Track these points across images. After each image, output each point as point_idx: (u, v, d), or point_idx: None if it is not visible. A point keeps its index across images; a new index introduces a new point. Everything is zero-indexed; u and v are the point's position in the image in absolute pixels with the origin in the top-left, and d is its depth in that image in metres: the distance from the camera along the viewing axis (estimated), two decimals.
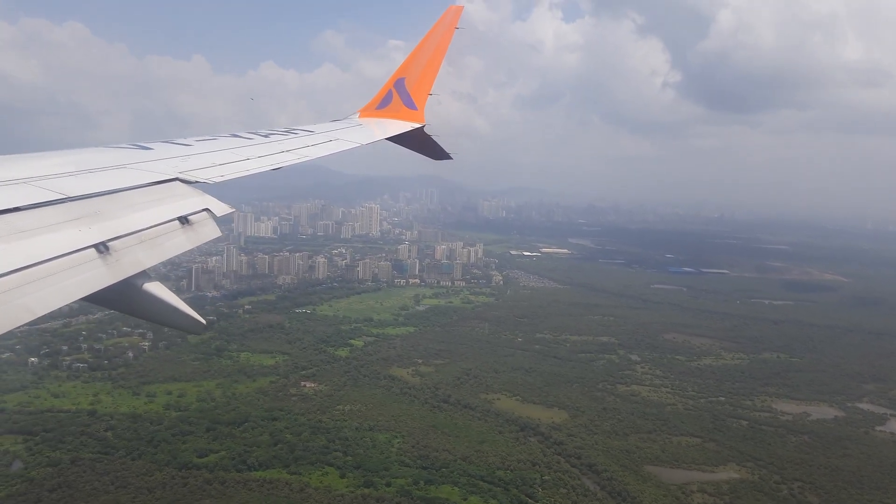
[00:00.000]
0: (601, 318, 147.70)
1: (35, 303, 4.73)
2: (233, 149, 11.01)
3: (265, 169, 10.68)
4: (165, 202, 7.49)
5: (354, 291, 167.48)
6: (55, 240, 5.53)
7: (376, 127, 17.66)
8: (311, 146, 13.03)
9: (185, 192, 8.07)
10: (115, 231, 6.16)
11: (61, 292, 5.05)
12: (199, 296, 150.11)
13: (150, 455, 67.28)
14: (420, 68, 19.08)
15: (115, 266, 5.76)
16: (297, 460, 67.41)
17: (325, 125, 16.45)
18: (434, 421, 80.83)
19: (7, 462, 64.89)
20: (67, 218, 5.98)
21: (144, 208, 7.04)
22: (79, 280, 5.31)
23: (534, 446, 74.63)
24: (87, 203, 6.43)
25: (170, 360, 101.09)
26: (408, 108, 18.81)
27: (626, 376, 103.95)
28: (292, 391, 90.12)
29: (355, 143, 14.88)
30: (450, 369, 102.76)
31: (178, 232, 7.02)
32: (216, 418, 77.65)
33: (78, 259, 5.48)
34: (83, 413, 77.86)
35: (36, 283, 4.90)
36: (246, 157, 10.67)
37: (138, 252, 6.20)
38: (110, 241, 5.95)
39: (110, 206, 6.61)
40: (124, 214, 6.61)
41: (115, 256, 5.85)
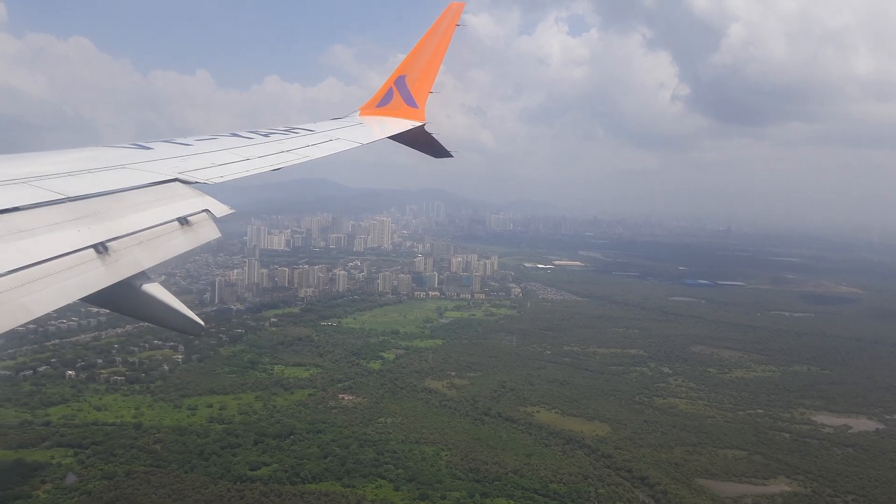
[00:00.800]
0: (626, 330, 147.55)
1: (34, 303, 4.72)
2: (233, 149, 10.87)
3: (266, 169, 10.54)
4: (165, 203, 7.45)
5: (377, 304, 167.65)
6: (54, 240, 5.50)
7: (377, 125, 17.45)
8: (311, 146, 12.83)
9: (185, 192, 8.00)
10: (114, 231, 6.14)
11: (60, 292, 5.03)
12: (224, 308, 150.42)
13: (202, 468, 67.21)
14: (421, 66, 18.85)
15: (114, 266, 5.73)
16: (349, 473, 67.30)
17: (326, 124, 16.30)
18: (478, 434, 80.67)
19: (61, 475, 64.81)
20: (67, 218, 5.95)
21: (144, 209, 7.00)
22: (78, 280, 5.28)
23: (581, 459, 74.41)
24: (86, 203, 6.41)
25: (205, 373, 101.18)
26: (408, 106, 18.62)
27: (661, 389, 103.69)
28: (331, 404, 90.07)
29: (356, 143, 14.71)
30: (484, 382, 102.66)
31: (178, 232, 6.98)
32: (262, 431, 77.60)
33: (77, 259, 5.44)
34: (129, 426, 77.88)
35: (35, 283, 4.87)
36: (246, 158, 10.51)
37: (137, 253, 6.18)
38: (109, 241, 5.92)
39: (110, 207, 6.59)
40: (124, 215, 6.59)
41: (114, 257, 5.82)
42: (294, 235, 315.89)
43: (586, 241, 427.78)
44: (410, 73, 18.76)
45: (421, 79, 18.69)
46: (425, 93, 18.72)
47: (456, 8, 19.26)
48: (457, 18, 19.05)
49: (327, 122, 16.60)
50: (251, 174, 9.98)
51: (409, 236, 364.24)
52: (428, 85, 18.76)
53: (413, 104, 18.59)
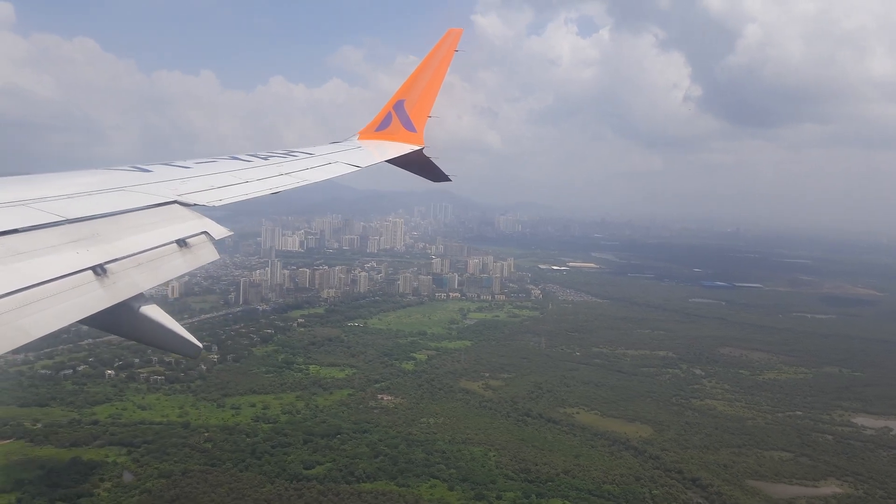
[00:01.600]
0: (651, 332, 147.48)
1: (32, 325, 4.71)
2: (232, 171, 10.98)
3: (264, 193, 10.64)
4: (164, 225, 7.46)
5: (399, 305, 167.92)
6: (53, 262, 5.48)
7: (375, 149, 17.64)
8: (310, 169, 13.04)
9: (184, 214, 8.03)
10: (112, 253, 6.13)
11: (58, 314, 5.02)
12: (249, 308, 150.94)
13: (256, 467, 67.55)
14: (420, 91, 19.05)
15: (112, 288, 5.72)
16: (402, 472, 67.54)
17: (325, 147, 16.47)
18: (522, 435, 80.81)
19: (118, 473, 65.24)
20: (65, 240, 5.93)
21: (143, 231, 7.01)
22: (76, 302, 5.27)
23: (629, 460, 74.48)
24: (85, 225, 6.40)
25: (242, 373, 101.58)
26: (407, 131, 18.78)
27: (696, 391, 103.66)
28: (372, 404, 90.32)
29: (354, 167, 14.91)
30: (519, 383, 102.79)
31: (177, 255, 6.99)
32: (309, 430, 77.92)
33: (75, 281, 5.43)
34: (177, 425, 78.30)
35: (33, 305, 4.86)
36: (245, 181, 10.64)
37: (136, 275, 6.18)
38: (108, 263, 5.91)
39: (108, 229, 6.57)
40: (122, 237, 6.59)
41: (112, 279, 5.80)
42: (308, 237, 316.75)
43: (596, 242, 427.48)
44: (409, 97, 18.99)
45: (419, 104, 18.92)
46: (424, 118, 18.94)
47: (455, 34, 19.48)
48: (455, 44, 19.26)
49: (326, 146, 16.81)
50: (250, 197, 10.10)
51: (419, 238, 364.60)
52: (426, 110, 18.99)
53: (412, 128, 18.81)
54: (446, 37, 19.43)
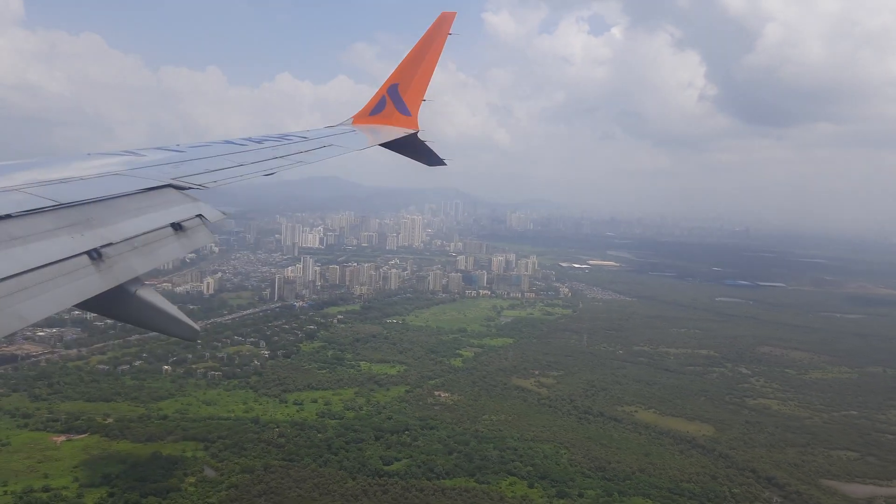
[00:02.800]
0: (687, 331, 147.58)
1: (27, 310, 4.71)
2: (226, 155, 10.93)
3: (258, 175, 10.60)
4: (158, 208, 7.43)
5: (432, 302, 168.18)
6: (47, 247, 5.45)
7: (370, 133, 17.57)
8: (304, 152, 12.96)
9: (178, 198, 7.98)
10: (107, 238, 6.11)
11: (53, 299, 5.02)
12: (287, 305, 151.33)
13: (335, 462, 67.87)
14: (413, 74, 18.87)
15: (107, 272, 5.71)
16: (479, 469, 67.79)
17: (319, 131, 16.43)
18: (587, 432, 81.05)
19: (199, 468, 65.64)
20: (60, 225, 5.88)
21: (137, 215, 6.97)
22: (72, 287, 5.27)
23: (699, 459, 74.65)
24: (79, 210, 6.36)
25: (295, 369, 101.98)
26: (401, 114, 18.74)
27: (747, 390, 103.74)
28: (430, 400, 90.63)
29: (349, 150, 14.88)
30: (571, 381, 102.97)
31: (172, 238, 6.98)
32: (377, 426, 78.25)
33: (70, 266, 5.41)
34: (246, 420, 78.69)
35: (28, 291, 4.84)
36: (239, 164, 10.57)
37: (131, 258, 6.17)
38: (103, 247, 5.89)
39: (103, 213, 6.54)
40: (117, 221, 6.57)
41: (107, 263, 5.79)
42: (327, 234, 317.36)
43: (609, 241, 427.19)
44: (403, 81, 18.92)
45: (414, 87, 18.84)
46: (418, 101, 18.88)
47: (447, 17, 19.35)
48: (448, 27, 19.15)
49: (320, 130, 16.76)
50: (244, 179, 10.04)
51: (434, 235, 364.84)
52: (420, 93, 18.93)
53: (406, 112, 18.79)
54: (439, 20, 19.24)
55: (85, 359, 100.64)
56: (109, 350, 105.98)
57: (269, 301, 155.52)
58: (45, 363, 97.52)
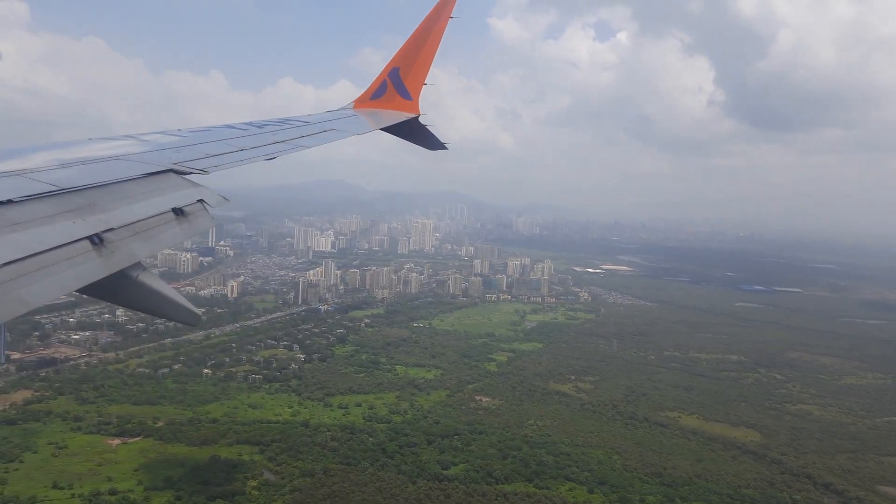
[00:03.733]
0: (713, 336, 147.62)
1: (30, 295, 4.73)
2: (227, 139, 10.88)
3: (259, 159, 10.55)
4: (160, 193, 7.42)
5: (455, 306, 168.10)
6: (49, 232, 5.48)
7: (371, 117, 17.40)
8: (305, 136, 12.82)
9: (180, 183, 7.97)
10: (109, 223, 6.12)
11: (56, 284, 5.04)
12: (312, 309, 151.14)
13: (392, 466, 67.72)
14: (415, 58, 18.62)
15: (109, 258, 5.72)
16: (536, 474, 67.60)
17: (320, 115, 16.34)
18: (636, 438, 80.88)
19: (258, 472, 65.43)
20: (61, 210, 5.91)
21: (139, 200, 6.97)
22: (73, 272, 5.28)
23: (751, 465, 74.51)
24: (81, 195, 6.37)
25: (333, 373, 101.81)
26: (402, 99, 18.55)
27: (784, 395, 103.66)
28: (472, 405, 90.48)
29: (349, 134, 14.77)
30: (608, 386, 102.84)
31: (173, 223, 6.98)
32: (426, 430, 78.08)
33: (72, 251, 5.43)
34: (296, 424, 78.52)
35: (30, 276, 4.86)
36: (240, 148, 10.53)
37: (133, 243, 6.17)
38: (105, 232, 5.92)
39: (104, 198, 6.55)
40: (118, 206, 6.57)
41: (109, 248, 5.81)
42: (339, 237, 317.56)
43: (616, 245, 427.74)
44: (404, 65, 18.68)
45: (415, 71, 18.60)
46: (419, 85, 18.67)
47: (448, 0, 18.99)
48: (450, 10, 18.78)
49: (321, 114, 16.63)
50: (245, 164, 10.02)
51: (443, 239, 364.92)
52: (422, 77, 18.70)
53: (407, 96, 18.59)
54: (441, 2, 18.88)
55: (123, 362, 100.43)
56: (146, 353, 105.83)
57: (293, 304, 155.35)
58: (84, 366, 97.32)
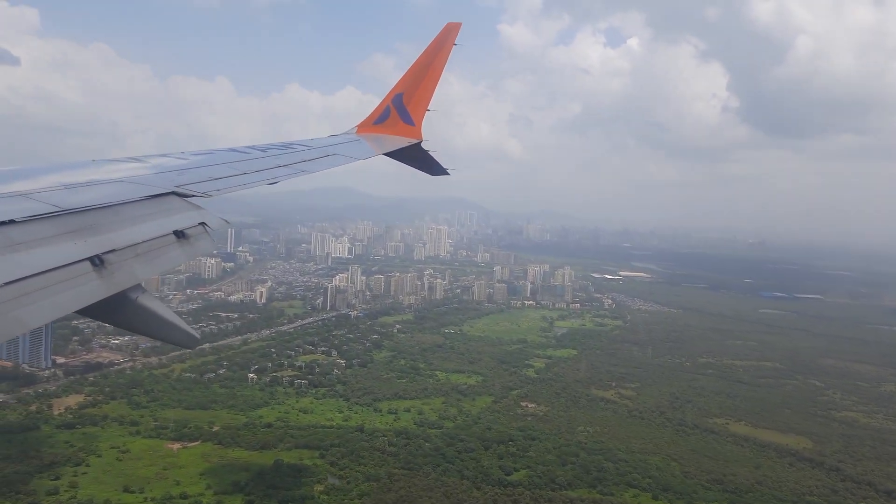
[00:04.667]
0: (743, 342, 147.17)
1: (28, 315, 4.73)
2: (229, 163, 10.95)
3: (261, 183, 10.62)
4: (161, 216, 7.47)
5: (481, 312, 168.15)
6: (50, 252, 5.49)
7: (373, 142, 17.53)
8: (307, 161, 12.92)
9: (181, 206, 8.03)
10: (110, 244, 6.14)
11: (55, 305, 5.04)
12: (342, 314, 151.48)
13: (455, 472, 67.65)
14: (418, 84, 18.81)
15: (109, 279, 5.72)
16: (600, 481, 67.50)
17: (323, 140, 16.43)
18: (689, 445, 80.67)
19: (322, 476, 65.53)
20: (63, 231, 5.94)
21: (140, 222, 7.01)
22: (73, 293, 5.28)
23: (809, 472, 74.13)
24: (82, 216, 6.40)
25: (375, 378, 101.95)
26: (405, 124, 18.71)
27: (827, 402, 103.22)
28: (519, 411, 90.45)
29: (352, 159, 14.88)
30: (651, 392, 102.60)
31: (174, 245, 7.01)
32: (480, 436, 78.06)
33: (73, 272, 5.44)
34: (350, 429, 78.68)
35: (29, 296, 4.86)
36: (242, 172, 10.59)
37: (133, 265, 6.19)
38: (105, 254, 5.92)
39: (106, 220, 6.59)
40: (120, 228, 6.60)
41: (109, 269, 5.81)
42: (354, 243, 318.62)
43: (628, 252, 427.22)
44: (407, 91, 18.92)
45: (418, 97, 18.81)
46: (422, 111, 18.86)
47: (453, 28, 19.31)
48: (454, 38, 19.08)
49: (324, 139, 16.74)
50: (247, 188, 10.08)
51: (456, 245, 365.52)
52: (425, 103, 18.90)
53: (410, 122, 18.78)
54: (445, 30, 19.18)
55: (167, 367, 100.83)
56: (188, 358, 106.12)
57: (322, 310, 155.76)
58: (130, 371, 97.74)
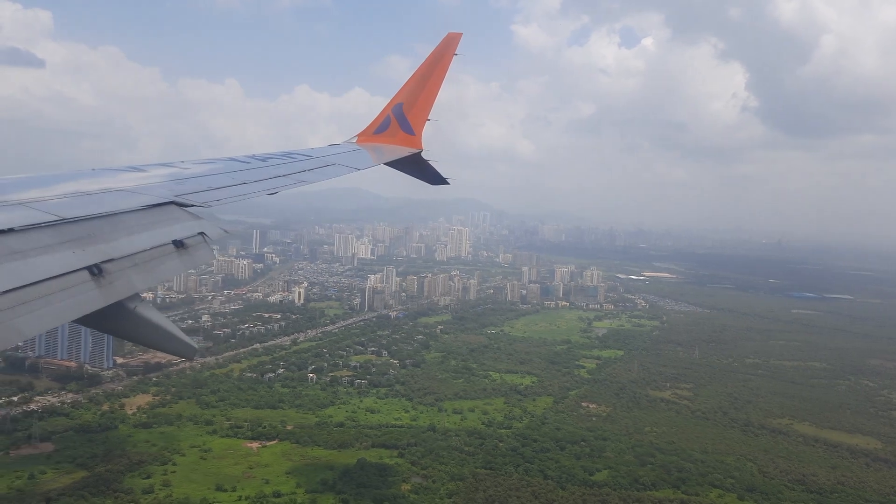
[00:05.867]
0: (786, 343, 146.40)
1: (25, 324, 4.71)
2: (229, 172, 11.00)
3: (261, 194, 10.66)
4: (161, 225, 7.45)
5: (518, 313, 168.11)
6: (48, 261, 5.46)
7: (374, 152, 17.56)
8: (307, 171, 12.99)
9: (181, 215, 8.03)
10: (108, 254, 6.11)
11: (52, 314, 5.02)
12: (383, 315, 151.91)
13: (536, 471, 67.62)
14: (418, 94, 18.87)
15: (107, 288, 5.71)
16: (682, 481, 67.29)
17: (323, 149, 16.51)
18: (759, 445, 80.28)
19: (405, 476, 65.70)
20: (61, 240, 5.91)
21: (139, 231, 7.00)
22: (71, 302, 5.26)
23: (888, 472, 73.70)
24: (81, 225, 6.39)
25: (431, 378, 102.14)
26: (405, 134, 18.75)
27: (885, 402, 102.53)
28: (582, 411, 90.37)
29: (352, 169, 14.95)
30: (707, 393, 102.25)
31: (173, 255, 7.00)
32: (552, 436, 78.05)
33: (70, 281, 5.41)
34: (422, 429, 78.87)
35: (27, 305, 4.84)
36: (242, 182, 10.60)
37: (132, 275, 6.17)
38: (104, 263, 5.89)
39: (105, 229, 6.57)
40: (119, 237, 6.58)
41: (107, 279, 5.78)
42: (376, 244, 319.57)
43: (645, 252, 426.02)
44: (408, 100, 18.95)
45: (418, 107, 18.85)
46: (422, 121, 18.88)
47: (453, 38, 19.32)
48: (454, 48, 19.10)
49: (324, 148, 16.85)
50: (247, 198, 10.14)
51: (474, 245, 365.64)
52: (425, 113, 18.94)
53: (410, 131, 18.81)
54: (445, 40, 19.22)
55: (224, 367, 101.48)
56: (243, 359, 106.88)
57: (360, 311, 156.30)
58: (190, 371, 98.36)
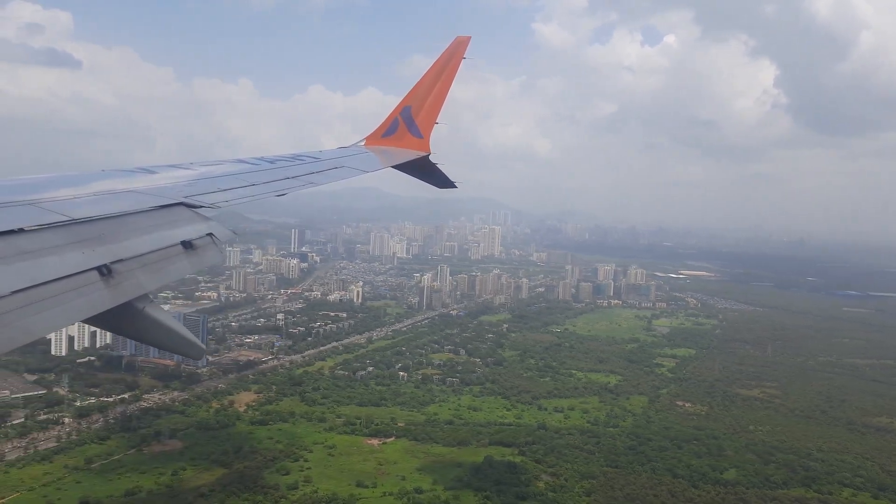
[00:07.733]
0: (850, 340, 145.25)
1: (34, 324, 4.73)
2: (238, 174, 11.10)
3: (269, 195, 10.79)
4: (170, 226, 7.48)
5: (575, 311, 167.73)
6: (58, 262, 5.47)
7: (382, 155, 17.60)
8: (315, 173, 13.09)
9: (190, 216, 8.05)
10: (118, 254, 6.13)
11: (62, 314, 5.05)
12: (445, 314, 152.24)
13: (663, 470, 67.54)
14: (427, 98, 18.90)
15: (117, 289, 5.72)
16: (812, 480, 67.07)
17: (331, 152, 16.49)
18: (873, 444, 79.65)
19: (534, 473, 65.81)
20: (71, 240, 5.94)
21: (148, 232, 7.02)
22: (80, 302, 5.28)
23: None
24: (91, 226, 6.42)
25: (517, 376, 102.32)
26: (413, 137, 18.73)
27: None
28: (679, 410, 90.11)
29: (361, 172, 15.02)
30: (796, 391, 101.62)
31: (182, 256, 7.01)
32: (664, 434, 77.93)
33: (80, 281, 5.43)
34: (531, 426, 79.08)
35: (36, 305, 4.85)
36: (251, 183, 10.69)
37: (141, 275, 6.18)
38: (113, 263, 5.90)
39: (114, 230, 6.61)
40: (128, 238, 6.60)
41: (117, 279, 5.80)
42: (411, 243, 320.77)
43: (671, 251, 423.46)
44: (416, 104, 18.93)
45: (426, 110, 18.86)
46: (430, 124, 18.85)
47: (462, 41, 19.30)
48: (463, 52, 19.10)
49: (333, 151, 16.84)
50: (256, 199, 10.24)
51: (505, 244, 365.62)
52: (433, 116, 18.92)
53: (418, 135, 18.78)
54: (454, 44, 19.26)
55: (311, 364, 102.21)
56: (328, 356, 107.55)
57: (418, 309, 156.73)
58: (280, 368, 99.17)
